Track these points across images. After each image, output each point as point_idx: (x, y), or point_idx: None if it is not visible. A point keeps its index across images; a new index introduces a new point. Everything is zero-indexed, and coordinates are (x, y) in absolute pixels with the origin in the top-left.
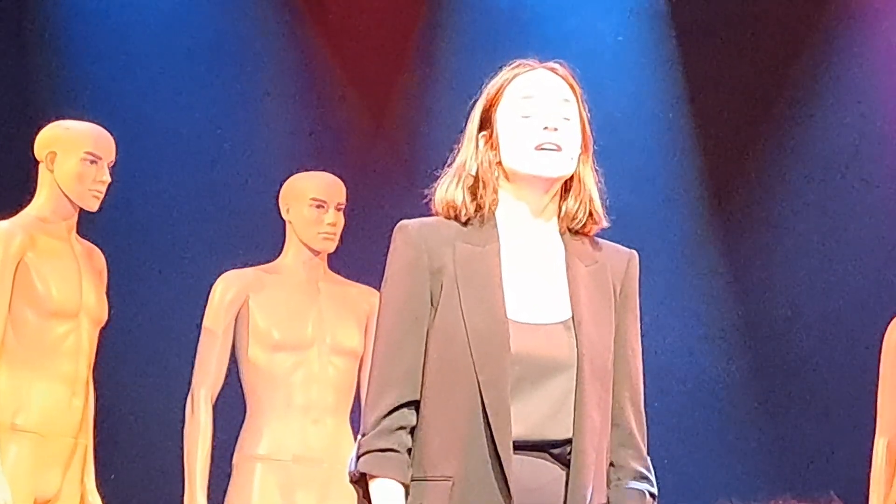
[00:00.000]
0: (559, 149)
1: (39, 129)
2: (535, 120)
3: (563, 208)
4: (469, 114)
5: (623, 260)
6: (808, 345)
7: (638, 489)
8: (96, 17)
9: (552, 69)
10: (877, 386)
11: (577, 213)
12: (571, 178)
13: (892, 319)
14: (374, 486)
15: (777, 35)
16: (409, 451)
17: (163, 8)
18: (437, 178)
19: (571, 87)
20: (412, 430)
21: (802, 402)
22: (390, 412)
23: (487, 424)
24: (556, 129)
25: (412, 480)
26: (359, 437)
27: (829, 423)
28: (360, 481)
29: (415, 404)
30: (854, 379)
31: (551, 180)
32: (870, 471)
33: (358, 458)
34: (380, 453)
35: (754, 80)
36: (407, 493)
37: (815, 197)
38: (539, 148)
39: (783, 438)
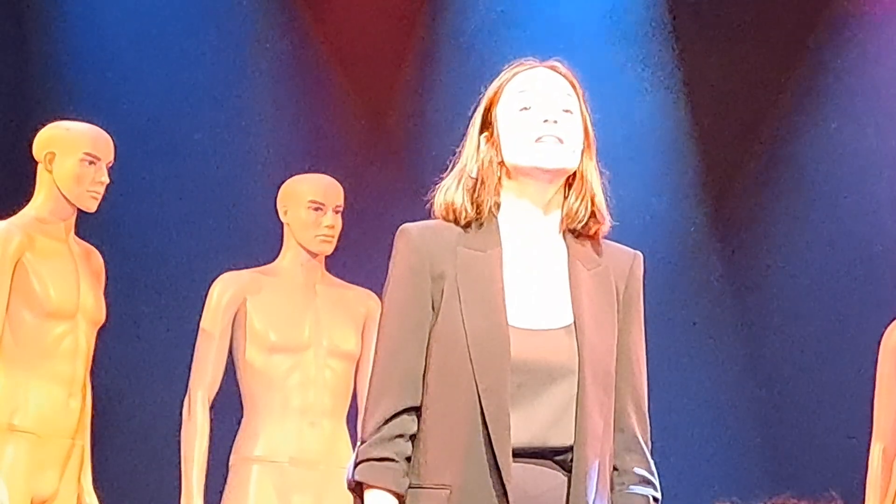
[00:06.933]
0: (560, 141)
1: (38, 129)
2: (535, 112)
3: (566, 208)
4: (471, 119)
5: (627, 261)
6: (807, 345)
7: (642, 494)
8: (95, 18)
9: (553, 67)
10: (874, 389)
11: (578, 212)
12: (574, 175)
13: (889, 324)
14: (368, 497)
15: (778, 42)
16: (409, 458)
17: (161, 8)
18: (437, 181)
19: (572, 83)
20: (413, 437)
21: (802, 402)
22: (389, 419)
23: (487, 432)
24: (556, 122)
25: (410, 488)
26: (357, 444)
27: (828, 425)
28: (358, 489)
29: (415, 410)
30: (854, 380)
31: (553, 172)
32: (866, 475)
33: (355, 466)
34: (376, 462)
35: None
36: (402, 503)
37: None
38: (539, 140)
39: (782, 439)
